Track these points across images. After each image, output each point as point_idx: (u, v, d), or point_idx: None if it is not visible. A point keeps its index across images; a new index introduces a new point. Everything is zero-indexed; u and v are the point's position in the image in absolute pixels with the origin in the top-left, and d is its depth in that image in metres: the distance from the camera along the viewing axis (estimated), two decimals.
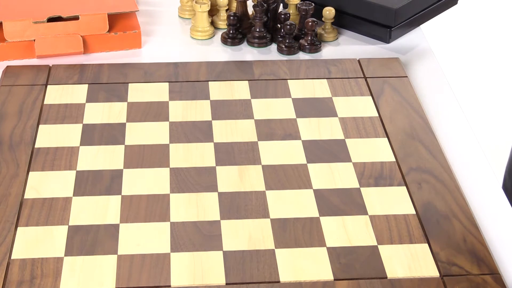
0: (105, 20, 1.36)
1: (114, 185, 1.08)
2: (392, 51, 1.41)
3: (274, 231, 1.01)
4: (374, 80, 1.31)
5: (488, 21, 3.38)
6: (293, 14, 1.46)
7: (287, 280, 0.94)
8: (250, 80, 1.30)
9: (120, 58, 1.37)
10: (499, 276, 0.95)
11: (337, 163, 1.13)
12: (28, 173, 1.10)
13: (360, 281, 0.94)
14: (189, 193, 1.07)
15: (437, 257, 0.97)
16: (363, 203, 1.06)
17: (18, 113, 1.21)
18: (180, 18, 1.51)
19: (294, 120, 1.21)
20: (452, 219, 1.03)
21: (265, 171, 1.11)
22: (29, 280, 0.94)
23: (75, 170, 1.11)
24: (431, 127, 1.20)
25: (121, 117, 1.21)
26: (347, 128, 1.20)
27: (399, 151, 1.15)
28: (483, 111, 2.85)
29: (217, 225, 1.02)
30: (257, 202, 1.06)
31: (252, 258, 0.97)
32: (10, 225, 1.01)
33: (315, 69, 1.33)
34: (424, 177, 1.10)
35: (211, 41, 1.43)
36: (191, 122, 1.20)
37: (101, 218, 1.03)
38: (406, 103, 1.25)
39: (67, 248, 0.98)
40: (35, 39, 1.34)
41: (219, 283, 0.94)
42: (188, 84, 1.29)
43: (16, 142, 1.15)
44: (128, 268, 0.95)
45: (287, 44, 1.39)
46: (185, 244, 0.99)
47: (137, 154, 1.14)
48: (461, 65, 3.10)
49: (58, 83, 1.29)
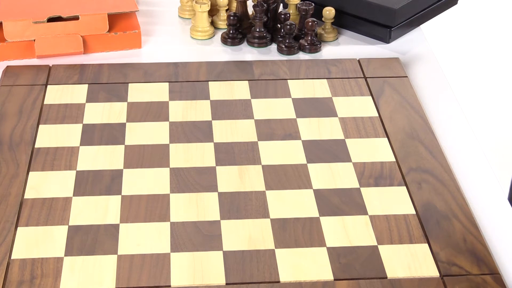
0: (105, 20, 1.36)
1: (114, 185, 1.08)
2: (392, 51, 1.41)
3: (274, 231, 1.01)
4: (374, 80, 1.31)
5: (488, 21, 3.38)
6: (293, 14, 1.46)
7: (287, 280, 0.94)
8: (250, 80, 1.31)
9: (120, 58, 1.37)
10: (499, 276, 0.95)
11: (337, 163, 1.13)
12: (28, 173, 1.10)
13: (360, 281, 0.94)
14: (189, 193, 1.07)
15: (437, 257, 0.97)
16: (363, 203, 1.06)
17: (18, 113, 1.21)
18: (180, 18, 1.51)
19: (294, 120, 1.21)
20: (452, 219, 1.03)
21: (265, 171, 1.11)
22: (29, 280, 0.94)
23: (75, 170, 1.11)
24: (431, 127, 1.20)
25: (121, 117, 1.21)
26: (347, 128, 1.20)
27: (399, 151, 1.15)
28: (483, 111, 2.85)
29: (217, 225, 1.02)
30: (257, 202, 1.06)
31: (252, 258, 0.97)
32: (10, 225, 1.01)
33: (315, 69, 1.33)
34: (424, 177, 1.10)
35: (211, 41, 1.43)
36: (191, 122, 1.20)
37: (101, 218, 1.03)
38: (406, 103, 1.25)
39: (67, 248, 0.98)
40: (35, 39, 1.34)
41: (219, 283, 0.94)
42: (188, 84, 1.29)
43: (16, 142, 1.15)
44: (128, 268, 0.95)
45: (287, 44, 1.39)
46: (185, 244, 0.99)
47: (137, 154, 1.14)
48: (461, 65, 3.10)
49: (58, 83, 1.29)
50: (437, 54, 3.13)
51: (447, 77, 2.99)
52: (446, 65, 3.08)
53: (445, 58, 3.13)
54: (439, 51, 3.17)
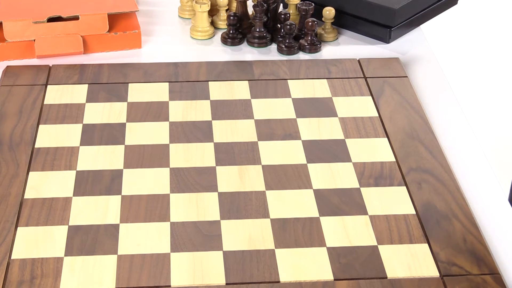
0: (105, 20, 1.36)
1: (114, 185, 1.08)
2: (392, 51, 1.41)
3: (274, 231, 1.01)
4: (374, 80, 1.31)
5: (488, 21, 3.38)
6: (293, 14, 1.46)
7: (287, 280, 0.94)
8: (250, 80, 1.30)
9: (120, 58, 1.37)
10: (499, 276, 0.95)
11: (337, 163, 1.13)
12: (28, 173, 1.10)
13: (360, 281, 0.94)
14: (189, 193, 1.07)
15: (437, 257, 0.97)
16: (363, 203, 1.06)
17: (18, 113, 1.21)
18: (180, 18, 1.51)
19: (294, 120, 1.21)
20: (452, 219, 1.03)
21: (265, 171, 1.11)
22: (29, 280, 0.94)
23: (75, 170, 1.11)
24: (431, 127, 1.20)
25: (121, 117, 1.21)
26: (347, 128, 1.20)
27: (399, 151, 1.15)
28: (483, 111, 2.85)
29: (217, 225, 1.02)
30: (257, 202, 1.06)
31: (252, 258, 0.97)
32: (10, 225, 1.01)
33: (315, 69, 1.33)
34: (424, 177, 1.10)
35: (211, 41, 1.43)
36: (191, 122, 1.20)
37: (101, 218, 1.03)
38: (406, 103, 1.25)
39: (67, 248, 0.98)
40: (35, 39, 1.34)
41: (219, 283, 0.94)
42: (188, 84, 1.29)
43: (16, 142, 1.15)
44: (128, 268, 0.95)
45: (287, 44, 1.39)
46: (185, 244, 0.99)
47: (137, 154, 1.14)
48: (461, 65, 3.10)
49: (58, 83, 1.29)
50: (437, 54, 3.13)
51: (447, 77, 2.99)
52: (446, 65, 3.08)
53: (445, 58, 3.12)
54: (439, 51, 3.17)
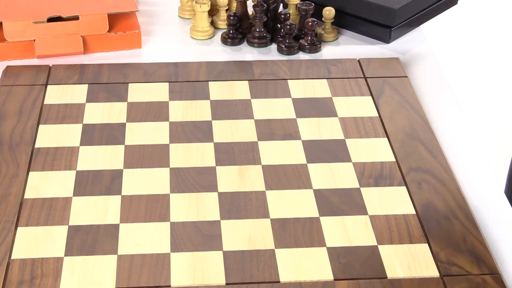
0: (105, 20, 1.36)
1: (114, 185, 1.08)
2: (392, 51, 1.41)
3: (274, 231, 1.01)
4: (374, 80, 1.31)
5: (488, 21, 3.38)
6: (293, 14, 1.46)
7: (287, 280, 0.94)
8: (250, 80, 1.31)
9: (120, 58, 1.37)
10: (499, 276, 0.95)
11: (337, 163, 1.13)
12: (28, 173, 1.10)
13: (360, 281, 0.94)
14: (189, 193, 1.07)
15: (437, 257, 0.97)
16: (363, 203, 1.06)
17: (18, 113, 1.21)
18: (180, 18, 1.51)
19: (294, 120, 1.21)
20: (452, 219, 1.03)
21: (265, 171, 1.11)
22: (29, 280, 0.94)
23: (75, 170, 1.11)
24: (431, 127, 1.20)
25: (121, 117, 1.21)
26: (347, 128, 1.20)
27: (399, 151, 1.15)
28: (483, 111, 2.85)
29: (217, 225, 1.02)
30: (257, 202, 1.06)
31: (252, 258, 0.97)
32: (10, 225, 1.01)
33: (315, 69, 1.33)
34: (424, 177, 1.10)
35: (211, 41, 1.43)
36: (191, 122, 1.20)
37: (101, 218, 1.03)
38: (406, 103, 1.25)
39: (67, 248, 0.98)
40: (35, 39, 1.34)
41: (219, 283, 0.94)
42: (188, 84, 1.29)
43: (16, 142, 1.15)
44: (128, 268, 0.95)
45: (287, 44, 1.39)
46: (185, 244, 0.99)
47: (137, 154, 1.14)
48: (461, 65, 3.10)
49: (58, 83, 1.29)
50: (437, 54, 3.13)
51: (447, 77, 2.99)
52: (446, 65, 3.08)
53: (445, 58, 3.13)
54: (439, 51, 3.17)
